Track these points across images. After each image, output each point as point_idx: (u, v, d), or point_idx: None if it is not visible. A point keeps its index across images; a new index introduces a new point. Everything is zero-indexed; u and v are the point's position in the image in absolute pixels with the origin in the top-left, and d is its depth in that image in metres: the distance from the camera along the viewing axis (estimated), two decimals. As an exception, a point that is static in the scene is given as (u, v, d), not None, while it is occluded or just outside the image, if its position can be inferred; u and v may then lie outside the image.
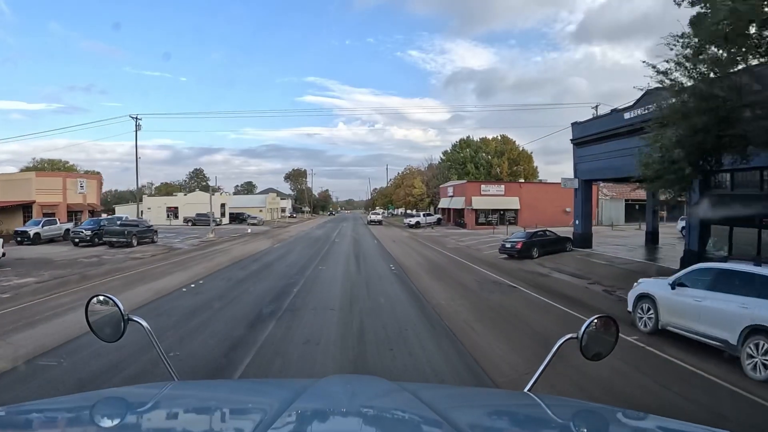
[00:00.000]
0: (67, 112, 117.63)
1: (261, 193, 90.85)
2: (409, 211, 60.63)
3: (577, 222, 23.51)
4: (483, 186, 42.84)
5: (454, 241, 28.42)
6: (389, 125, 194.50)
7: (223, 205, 55.72)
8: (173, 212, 55.78)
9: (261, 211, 66.54)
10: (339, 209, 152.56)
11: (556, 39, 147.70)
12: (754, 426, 4.73)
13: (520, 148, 65.78)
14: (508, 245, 19.49)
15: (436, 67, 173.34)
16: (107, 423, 1.19)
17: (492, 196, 42.82)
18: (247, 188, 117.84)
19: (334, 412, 1.33)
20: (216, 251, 21.93)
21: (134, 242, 25.36)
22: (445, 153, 64.62)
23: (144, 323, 1.61)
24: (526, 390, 1.58)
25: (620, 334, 1.73)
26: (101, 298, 1.63)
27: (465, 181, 43.59)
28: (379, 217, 57.15)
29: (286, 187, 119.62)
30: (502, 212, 43.64)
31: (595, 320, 1.62)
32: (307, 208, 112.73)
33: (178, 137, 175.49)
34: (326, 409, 1.34)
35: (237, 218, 56.49)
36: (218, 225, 51.37)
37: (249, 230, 40.47)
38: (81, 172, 70.67)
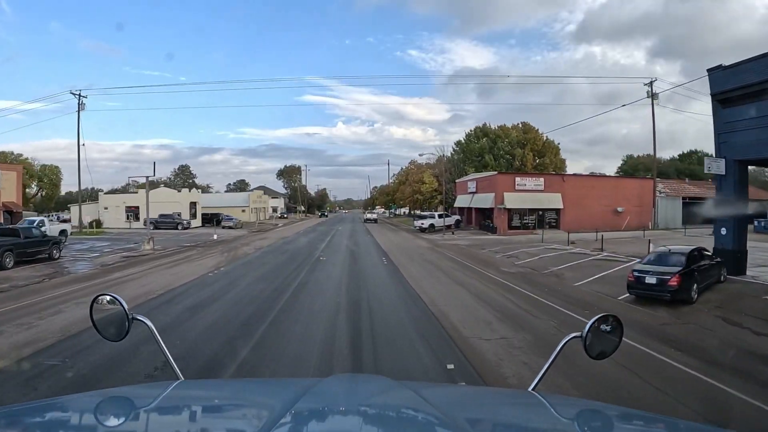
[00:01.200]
0: (67, 111, 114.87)
1: (253, 190, 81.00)
2: (418, 212, 51.12)
3: (723, 231, 14.02)
4: (518, 179, 33.40)
5: (501, 257, 19.01)
6: (388, 125, 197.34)
7: (193, 204, 46.16)
8: (134, 212, 46.20)
9: (244, 211, 57.00)
10: (337, 209, 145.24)
11: (556, 39, 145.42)
12: None
13: (544, 138, 56.56)
14: (651, 280, 10.00)
15: (436, 67, 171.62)
16: (111, 422, 1.17)
17: (529, 192, 33.41)
18: (240, 186, 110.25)
19: (337, 411, 1.30)
20: (108, 283, 12.43)
21: (8, 262, 16.01)
22: (458, 143, 55.22)
23: (149, 323, 1.60)
24: (530, 389, 1.55)
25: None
26: (106, 297, 1.63)
27: (496, 173, 34.09)
28: (374, 216, 63.08)
29: (283, 186, 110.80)
30: (540, 212, 34.26)
31: (600, 319, 1.60)
32: (301, 208, 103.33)
33: (178, 137, 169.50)
34: (330, 408, 1.31)
35: (212, 220, 46.94)
36: (186, 228, 41.89)
37: (215, 236, 30.99)
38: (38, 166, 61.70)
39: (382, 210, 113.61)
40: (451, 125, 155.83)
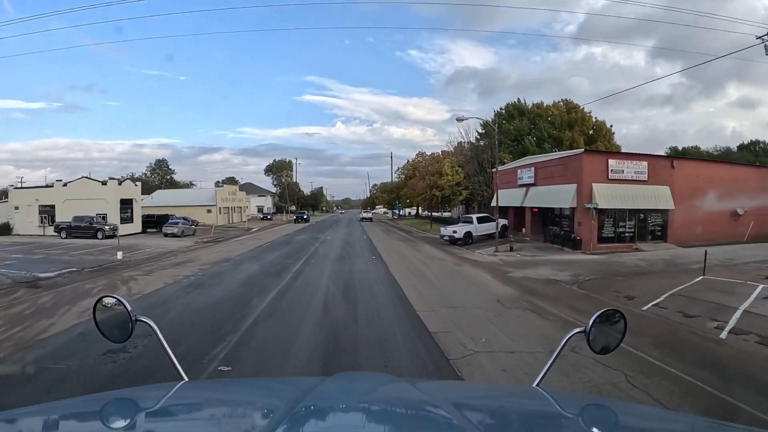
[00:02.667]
0: (67, 111, 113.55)
1: (223, 185, 67.79)
2: (429, 212, 38.62)
3: None
4: (612, 162, 20.85)
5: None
6: (388, 125, 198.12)
7: (128, 203, 33.39)
8: (49, 213, 33.64)
9: (209, 211, 44.40)
10: (335, 208, 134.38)
11: (555, 39, 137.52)
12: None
13: (594, 119, 44.49)
14: None
15: (436, 67, 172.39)
16: (117, 424, 1.15)
17: (628, 183, 21.01)
18: (229, 184, 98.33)
19: (342, 409, 1.28)
20: None
21: None
22: (485, 125, 42.66)
23: (152, 324, 1.58)
24: (534, 385, 1.55)
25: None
26: (109, 299, 1.62)
27: (581, 151, 21.44)
28: (370, 215, 62.96)
29: (272, 183, 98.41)
30: (641, 215, 21.87)
31: (603, 314, 1.58)
32: (293, 207, 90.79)
33: (177, 136, 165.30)
34: (334, 406, 1.29)
35: (159, 223, 34.42)
36: (109, 236, 29.26)
37: (119, 255, 18.55)
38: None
39: (383, 210, 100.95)
40: (450, 125, 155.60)
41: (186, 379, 1.59)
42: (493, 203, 30.10)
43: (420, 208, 61.45)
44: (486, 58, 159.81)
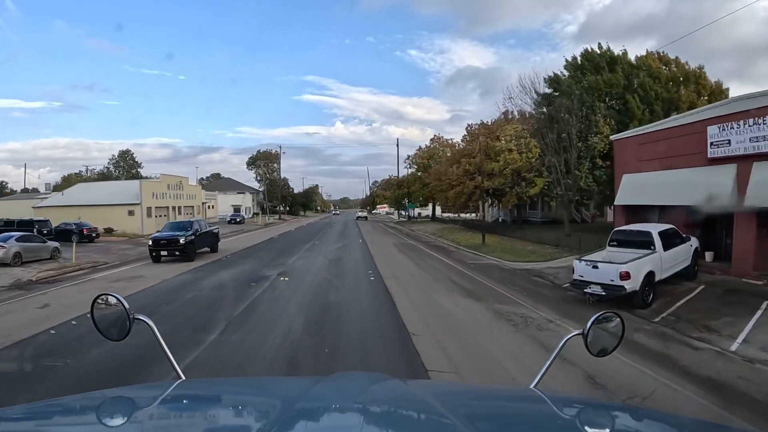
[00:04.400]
0: (68, 110, 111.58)
1: (158, 175, 52.07)
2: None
3: None
4: None
5: None
6: (387, 124, 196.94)
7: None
8: None
9: (132, 213, 29.75)
10: (332, 207, 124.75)
11: (555, 39, 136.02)
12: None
13: (711, 81, 30.36)
14: None
15: (436, 67, 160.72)
16: (114, 423, 1.14)
17: None
18: (214, 181, 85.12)
19: (340, 409, 1.26)
20: None
21: None
22: (551, 81, 28.02)
23: (150, 322, 1.57)
24: (531, 386, 1.52)
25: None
26: (107, 297, 1.58)
27: None
28: (365, 214, 66.17)
29: (255, 179, 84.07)
30: None
31: (601, 316, 1.55)
32: (281, 207, 76.37)
33: (177, 135, 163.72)
34: (332, 406, 1.28)
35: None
36: None
37: None
38: None
39: (385, 210, 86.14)
40: (450, 125, 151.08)
41: (183, 377, 1.58)
42: (619, 200, 15.72)
43: (440, 207, 47.01)
44: (486, 57, 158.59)
